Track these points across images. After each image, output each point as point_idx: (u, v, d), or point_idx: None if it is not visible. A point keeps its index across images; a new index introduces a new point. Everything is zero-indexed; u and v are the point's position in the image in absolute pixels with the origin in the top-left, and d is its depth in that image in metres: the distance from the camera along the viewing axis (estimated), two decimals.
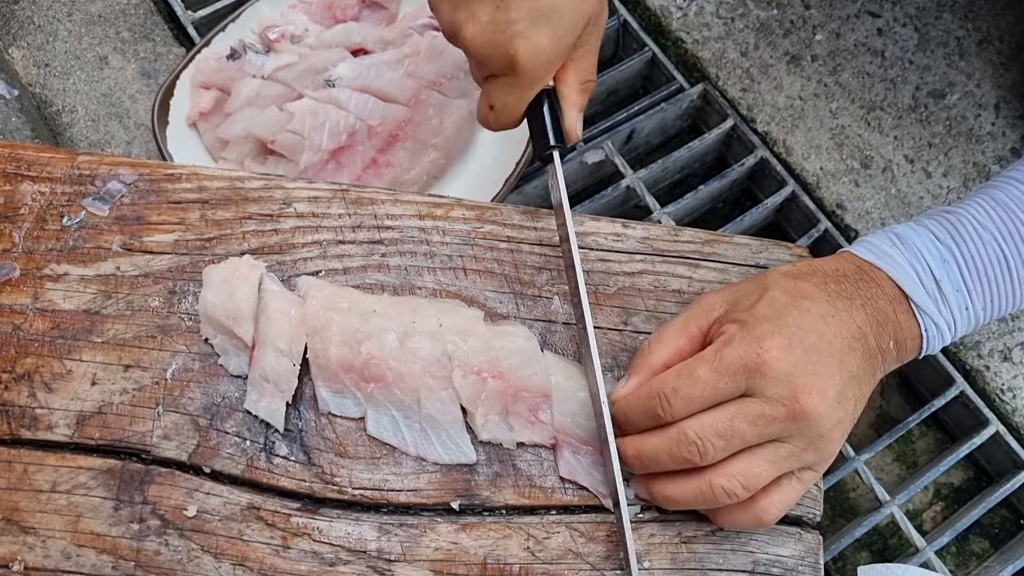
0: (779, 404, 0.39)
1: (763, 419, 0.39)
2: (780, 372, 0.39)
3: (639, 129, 0.76)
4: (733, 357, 0.39)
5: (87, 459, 0.44)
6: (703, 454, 0.39)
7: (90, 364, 0.46)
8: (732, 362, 0.39)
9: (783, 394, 0.39)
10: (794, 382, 0.39)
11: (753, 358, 0.39)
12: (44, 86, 0.76)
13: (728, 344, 0.40)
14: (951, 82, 0.77)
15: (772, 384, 0.39)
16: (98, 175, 0.50)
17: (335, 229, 0.49)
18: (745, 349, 0.39)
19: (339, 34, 0.72)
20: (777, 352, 0.39)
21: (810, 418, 0.39)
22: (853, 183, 0.73)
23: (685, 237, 0.51)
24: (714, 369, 0.40)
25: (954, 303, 0.44)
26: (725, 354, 0.40)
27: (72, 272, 0.48)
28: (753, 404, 0.39)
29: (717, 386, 0.39)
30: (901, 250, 0.45)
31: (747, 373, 0.39)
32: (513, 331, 0.46)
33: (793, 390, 0.39)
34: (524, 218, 0.50)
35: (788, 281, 0.43)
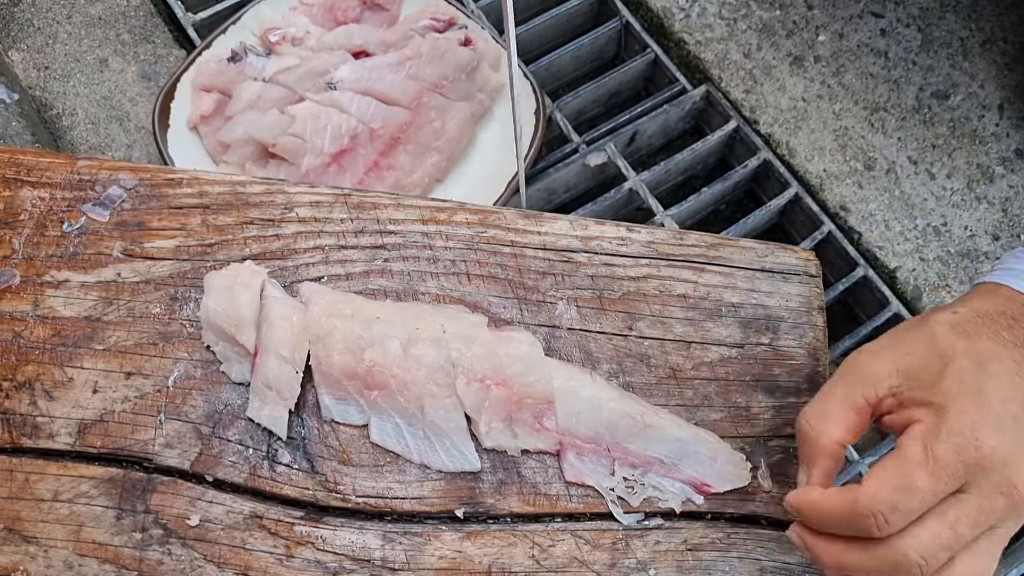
0: (999, 496, 0.36)
1: (983, 515, 0.36)
2: (996, 461, 0.36)
3: (642, 131, 0.75)
4: (950, 456, 0.36)
5: (89, 468, 0.44)
6: (925, 571, 0.36)
7: (91, 372, 0.45)
8: (950, 462, 0.36)
9: (1002, 483, 0.36)
10: (1011, 468, 0.36)
11: (972, 453, 0.36)
12: (44, 89, 0.75)
13: (936, 439, 0.36)
14: (955, 83, 0.77)
15: (989, 476, 0.36)
16: (98, 180, 0.50)
17: (337, 234, 0.49)
18: (960, 443, 0.36)
19: (340, 36, 0.72)
20: (994, 441, 0.36)
21: None
22: (857, 185, 0.73)
23: (690, 241, 0.50)
24: (933, 474, 0.36)
25: None
26: (939, 454, 0.36)
27: (73, 279, 0.47)
28: (972, 501, 0.36)
29: (936, 491, 0.36)
30: (1016, 269, 0.41)
31: (966, 469, 0.36)
32: (517, 337, 0.45)
33: (1010, 477, 0.36)
34: (527, 222, 0.50)
35: (963, 341, 0.39)
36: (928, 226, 0.72)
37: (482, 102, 0.71)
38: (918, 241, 0.71)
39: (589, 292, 0.48)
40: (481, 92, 0.71)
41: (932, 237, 0.71)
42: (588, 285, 0.49)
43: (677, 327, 0.48)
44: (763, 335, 0.48)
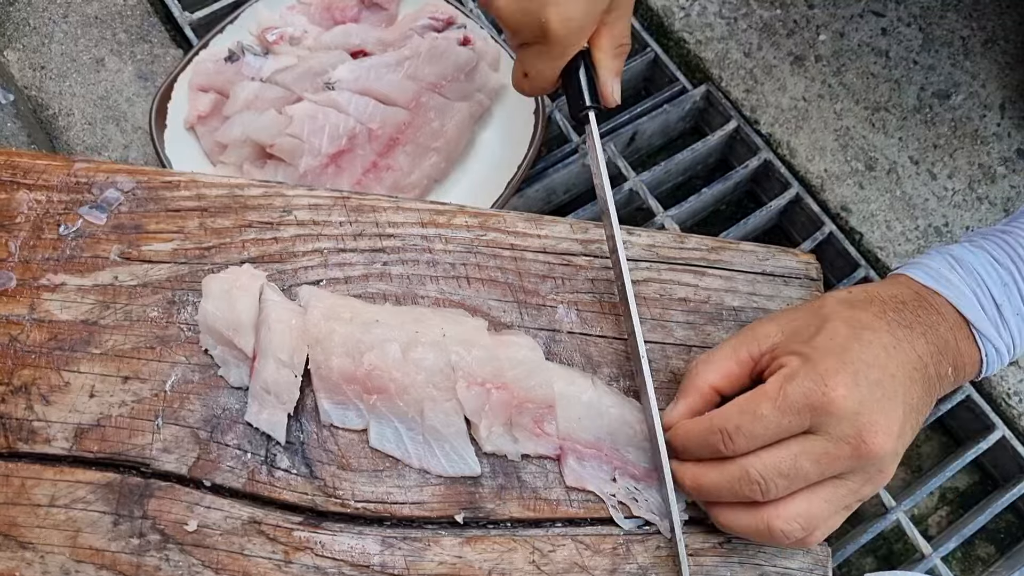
0: (845, 443, 0.38)
1: (827, 458, 0.39)
2: (846, 411, 0.38)
3: (641, 131, 0.75)
4: (798, 395, 0.38)
5: (86, 473, 0.44)
6: (765, 492, 0.39)
7: (88, 376, 0.45)
8: (797, 400, 0.38)
9: (849, 433, 0.38)
10: (860, 420, 0.38)
11: (819, 396, 0.38)
12: (40, 89, 0.75)
13: (791, 380, 0.39)
14: (956, 82, 0.77)
15: (838, 423, 0.38)
16: (95, 183, 0.50)
17: (336, 237, 0.49)
18: (810, 386, 0.38)
19: (338, 36, 0.71)
20: (844, 390, 0.38)
21: (875, 456, 0.39)
22: (858, 185, 0.73)
23: (691, 244, 0.50)
24: (778, 407, 0.39)
25: (1014, 326, 0.44)
26: (789, 391, 0.39)
27: (69, 282, 0.47)
28: (818, 443, 0.39)
29: (780, 423, 0.39)
30: (960, 273, 0.44)
31: (812, 411, 0.38)
32: (517, 341, 0.45)
33: (859, 429, 0.38)
34: (528, 225, 0.50)
35: (847, 311, 0.42)
36: (929, 226, 0.71)
37: (481, 102, 0.71)
38: (920, 242, 0.71)
39: (589, 296, 0.48)
40: (480, 92, 0.71)
41: (934, 237, 0.71)
42: (588, 288, 0.48)
43: (678, 331, 0.48)
44: None
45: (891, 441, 0.39)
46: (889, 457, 0.39)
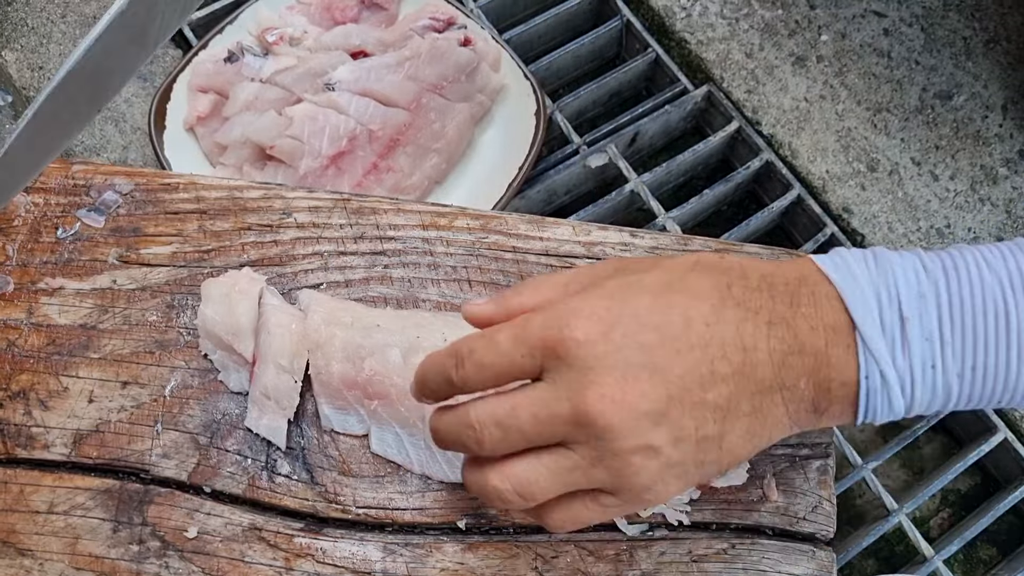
0: (564, 397, 0.32)
1: (544, 411, 0.32)
2: (577, 358, 0.31)
3: (643, 132, 0.75)
4: (536, 326, 0.32)
5: (85, 479, 0.43)
6: (479, 442, 0.33)
7: (87, 381, 0.45)
8: (533, 332, 0.32)
9: (572, 386, 0.31)
10: (589, 376, 0.31)
11: (554, 333, 0.32)
12: (38, 90, 0.74)
13: (541, 312, 0.33)
14: (958, 83, 0.76)
15: (566, 371, 0.32)
16: (93, 185, 0.49)
17: (336, 240, 0.48)
18: (552, 321, 0.32)
19: (338, 36, 0.71)
20: (582, 334, 0.31)
21: (596, 426, 0.31)
22: (860, 186, 0.72)
23: (694, 246, 0.50)
24: (514, 336, 0.32)
25: (917, 354, 0.33)
26: (531, 321, 0.33)
27: (67, 286, 0.47)
28: (538, 390, 0.32)
29: (513, 357, 0.32)
30: (870, 270, 0.34)
31: (544, 350, 0.32)
32: None
33: (583, 385, 0.31)
34: (530, 227, 0.49)
35: (682, 269, 0.34)
36: (931, 228, 0.71)
37: (482, 103, 0.70)
38: (921, 243, 0.71)
39: None
40: (481, 93, 0.70)
41: (936, 239, 0.71)
42: None
43: None
44: None
45: (622, 415, 0.31)
46: (625, 438, 0.31)
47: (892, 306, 0.33)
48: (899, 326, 0.33)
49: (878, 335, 0.32)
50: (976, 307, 0.32)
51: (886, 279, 0.33)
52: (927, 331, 0.33)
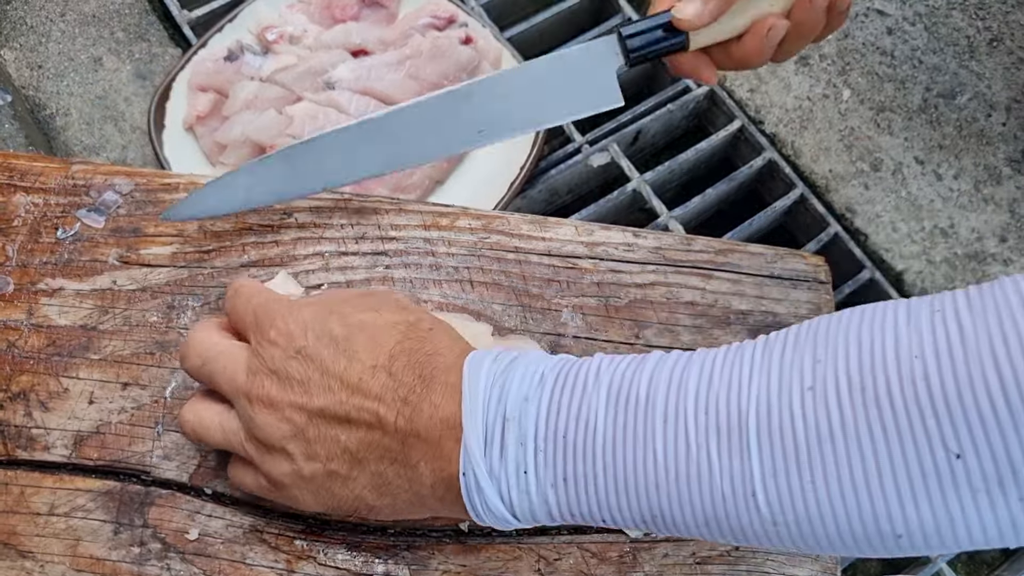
0: (244, 369, 0.37)
1: (230, 367, 0.38)
2: (270, 346, 0.36)
3: (645, 130, 0.74)
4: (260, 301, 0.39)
5: (85, 480, 0.43)
6: (183, 356, 0.40)
7: (87, 382, 0.44)
8: (255, 306, 0.38)
9: (253, 365, 0.36)
10: (265, 366, 0.36)
11: (264, 317, 0.38)
12: (37, 88, 0.74)
13: None
14: (962, 82, 0.76)
15: (259, 350, 0.37)
16: (93, 185, 0.49)
17: (337, 240, 0.48)
18: (271, 307, 0.38)
19: (339, 35, 0.71)
20: (278, 332, 0.36)
21: (248, 412, 0.36)
22: (863, 186, 0.72)
23: (698, 247, 0.49)
24: (234, 306, 0.40)
25: (512, 457, 0.31)
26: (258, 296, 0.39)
27: (67, 287, 0.46)
28: (240, 347, 0.38)
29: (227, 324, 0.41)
30: (498, 368, 0.33)
31: (253, 325, 0.38)
32: (521, 346, 0.44)
33: (259, 371, 0.36)
34: (532, 227, 0.49)
35: (384, 321, 0.36)
36: (935, 228, 0.71)
37: None
38: (925, 243, 0.70)
39: (595, 299, 0.48)
40: None
41: (939, 239, 0.71)
42: (594, 292, 0.48)
43: (684, 335, 0.47)
44: None
45: (271, 414, 0.35)
46: (266, 429, 0.35)
47: (500, 407, 0.32)
48: (500, 428, 0.32)
49: (476, 434, 0.32)
50: (571, 415, 0.31)
51: (505, 380, 0.33)
52: (523, 435, 0.31)
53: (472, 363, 0.34)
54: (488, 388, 0.32)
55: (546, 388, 0.32)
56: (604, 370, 0.32)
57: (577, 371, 0.32)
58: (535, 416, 0.32)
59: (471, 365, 0.34)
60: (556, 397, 0.32)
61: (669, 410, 0.30)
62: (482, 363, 0.33)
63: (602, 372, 0.32)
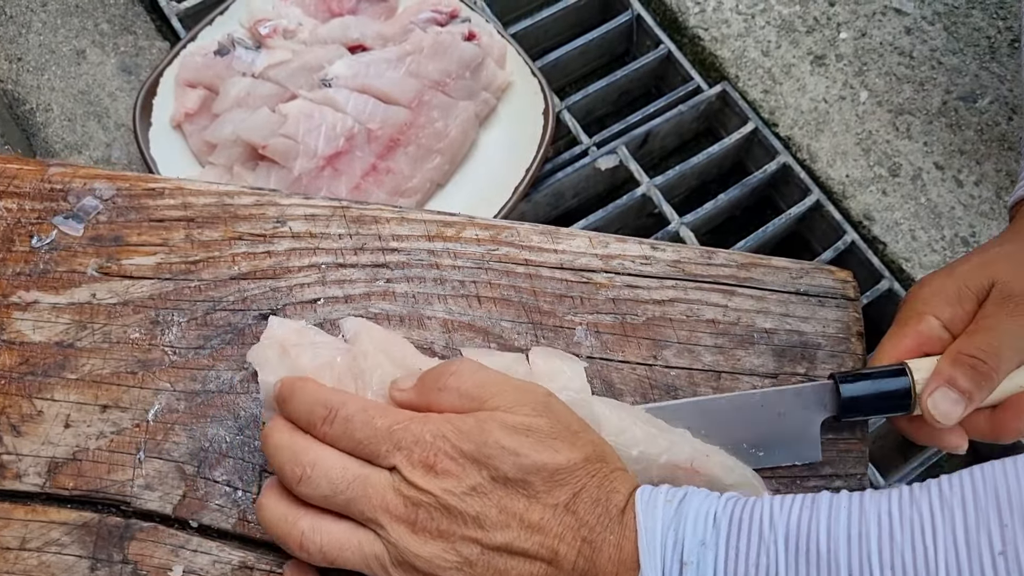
0: (400, 496, 0.35)
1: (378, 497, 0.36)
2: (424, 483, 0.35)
3: (655, 132, 0.71)
4: (415, 431, 0.36)
5: (60, 512, 0.40)
6: (299, 478, 0.37)
7: (63, 404, 0.41)
8: (409, 434, 0.36)
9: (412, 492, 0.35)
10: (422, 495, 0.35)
11: (429, 455, 0.35)
12: (16, 82, 0.70)
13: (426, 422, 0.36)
14: (983, 85, 0.73)
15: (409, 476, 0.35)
16: (71, 189, 0.46)
17: (335, 251, 0.45)
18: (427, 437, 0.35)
19: (335, 29, 0.67)
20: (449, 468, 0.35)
21: (405, 552, 0.34)
22: (881, 192, 0.69)
23: (719, 260, 0.46)
24: (390, 428, 0.36)
25: None
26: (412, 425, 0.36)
27: (42, 300, 0.43)
28: (381, 473, 0.36)
29: (378, 444, 0.36)
30: (670, 509, 0.34)
31: (401, 451, 0.36)
32: (560, 365, 0.41)
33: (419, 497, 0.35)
34: (543, 239, 0.46)
35: (555, 464, 0.34)
36: (956, 236, 0.68)
37: (487, 101, 0.67)
38: (946, 252, 0.68)
39: (611, 317, 0.45)
40: (486, 91, 0.67)
41: (960, 248, 0.68)
42: (609, 309, 0.45)
43: (706, 356, 0.44)
44: (799, 364, 0.45)
45: (438, 544, 0.34)
46: (427, 562, 0.34)
47: (676, 550, 0.33)
48: (678, 571, 0.33)
49: None
50: (749, 560, 0.32)
51: (679, 521, 0.34)
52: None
53: (645, 501, 0.34)
54: (664, 530, 0.33)
55: (721, 533, 0.33)
56: (777, 516, 0.33)
57: (751, 516, 0.33)
58: (713, 561, 0.32)
59: (645, 503, 0.34)
60: (733, 542, 0.32)
61: (853, 566, 0.30)
62: (656, 502, 0.34)
63: (776, 519, 0.33)
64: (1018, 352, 0.39)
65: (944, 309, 0.41)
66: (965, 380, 0.39)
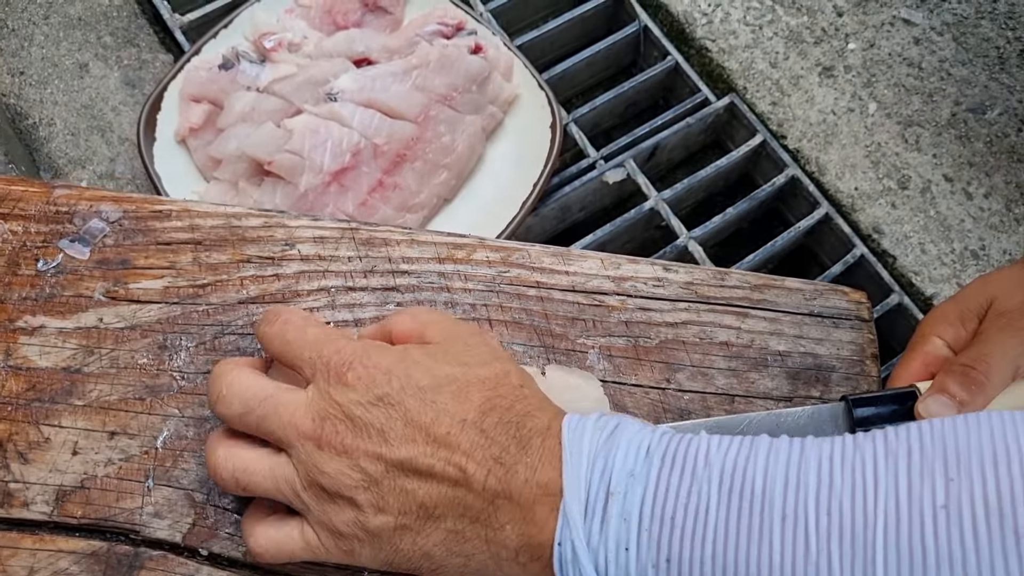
0: (306, 414, 0.34)
1: (287, 411, 0.35)
2: (340, 389, 0.34)
3: (662, 145, 0.71)
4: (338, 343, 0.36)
5: (68, 541, 0.39)
6: (217, 396, 0.37)
7: (71, 431, 0.41)
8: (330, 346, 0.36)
9: (318, 407, 0.34)
10: (337, 409, 0.34)
11: (343, 360, 0.35)
12: (19, 96, 0.70)
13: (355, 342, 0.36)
14: (992, 96, 0.73)
15: (325, 394, 0.34)
16: (77, 212, 0.45)
17: (344, 274, 0.44)
18: (349, 349, 0.35)
19: (340, 42, 0.67)
20: (357, 376, 0.34)
21: (314, 458, 0.33)
22: (890, 205, 0.69)
23: (732, 282, 0.46)
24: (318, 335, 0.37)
25: (613, 533, 0.30)
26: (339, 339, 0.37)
27: (49, 324, 0.43)
28: (295, 391, 0.36)
29: (303, 348, 0.37)
30: (601, 438, 0.32)
31: (323, 366, 0.35)
32: (577, 383, 0.41)
33: (329, 415, 0.33)
34: (555, 260, 0.46)
35: (471, 376, 0.34)
36: (966, 249, 0.68)
37: (493, 115, 0.67)
38: (955, 266, 0.67)
39: (623, 340, 0.44)
40: (493, 104, 0.66)
41: (970, 261, 0.67)
42: (622, 332, 0.44)
43: (719, 379, 0.44)
44: (813, 387, 0.44)
45: (344, 461, 0.33)
46: (335, 476, 0.33)
47: (603, 479, 0.31)
48: (604, 500, 0.31)
49: (578, 504, 0.31)
50: (680, 496, 0.30)
51: (609, 450, 0.32)
52: (627, 511, 0.30)
53: (572, 428, 0.33)
54: (591, 457, 0.32)
55: (653, 465, 0.31)
56: (714, 454, 0.31)
57: (685, 451, 0.32)
58: (641, 493, 0.31)
59: (572, 430, 0.33)
60: (664, 476, 0.31)
61: (788, 508, 0.29)
62: (583, 429, 0.33)
63: (712, 456, 0.31)
64: (1010, 361, 0.40)
65: (947, 330, 0.42)
66: (956, 386, 0.39)
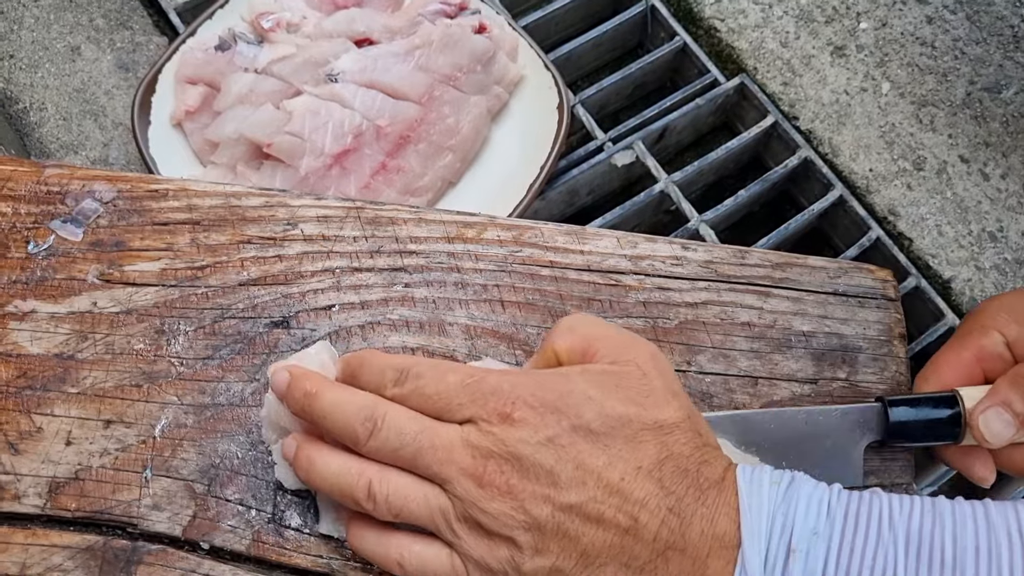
0: (475, 455, 0.33)
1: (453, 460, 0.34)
2: (508, 435, 0.33)
3: (671, 127, 0.69)
4: (490, 383, 0.34)
5: (62, 535, 0.37)
6: (371, 496, 0.35)
7: (64, 419, 0.39)
8: (485, 386, 0.34)
9: (482, 450, 0.33)
10: (500, 448, 0.32)
11: (505, 403, 0.33)
12: (9, 80, 0.68)
13: (502, 375, 0.34)
14: (1007, 75, 0.71)
15: (488, 435, 0.33)
16: (69, 192, 0.43)
17: (350, 255, 0.43)
18: (506, 387, 0.34)
19: (341, 22, 0.65)
20: (526, 419, 0.32)
21: (479, 504, 0.32)
22: (906, 186, 0.67)
23: (753, 260, 0.44)
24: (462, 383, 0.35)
25: None
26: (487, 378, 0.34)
27: (40, 309, 0.41)
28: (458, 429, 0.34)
29: (450, 399, 0.34)
30: (778, 493, 0.32)
31: (483, 407, 0.34)
32: None
33: (492, 457, 0.32)
34: (568, 239, 0.44)
35: (639, 423, 0.32)
36: (983, 231, 0.66)
37: (499, 96, 0.65)
38: (973, 248, 0.66)
39: (641, 321, 0.42)
40: (498, 85, 0.64)
41: (988, 243, 0.66)
42: (640, 313, 0.42)
43: (742, 360, 0.42)
44: (839, 369, 0.42)
45: (509, 502, 0.32)
46: (497, 516, 0.32)
47: (783, 535, 0.31)
48: (784, 557, 0.31)
49: (758, 560, 0.31)
50: (865, 559, 0.31)
51: (788, 506, 0.32)
52: (810, 569, 0.31)
53: (749, 480, 0.32)
54: (772, 512, 0.31)
55: (836, 525, 0.31)
56: (898, 518, 0.31)
57: (869, 512, 0.31)
58: (825, 553, 0.31)
59: (748, 482, 0.32)
60: (848, 537, 0.31)
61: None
62: (761, 481, 0.32)
63: (895, 520, 0.31)
64: None
65: (1011, 327, 0.39)
66: (1022, 405, 0.37)
